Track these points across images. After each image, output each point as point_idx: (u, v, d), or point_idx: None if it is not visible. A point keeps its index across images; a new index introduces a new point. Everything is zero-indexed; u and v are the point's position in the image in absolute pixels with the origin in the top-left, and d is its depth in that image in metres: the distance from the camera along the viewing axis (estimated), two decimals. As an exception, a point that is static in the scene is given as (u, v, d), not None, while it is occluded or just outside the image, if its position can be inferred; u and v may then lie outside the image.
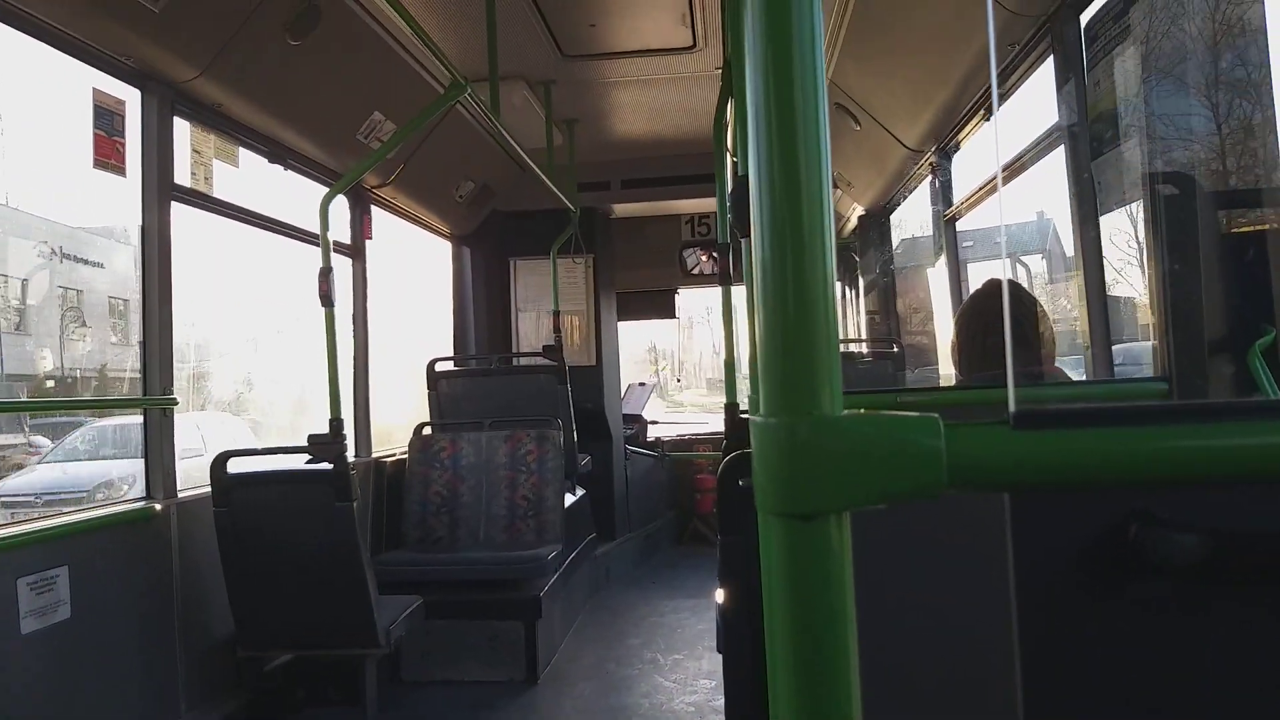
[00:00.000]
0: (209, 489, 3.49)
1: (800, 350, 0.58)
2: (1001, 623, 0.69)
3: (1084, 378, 3.20)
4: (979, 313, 2.76)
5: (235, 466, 3.59)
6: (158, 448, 3.46)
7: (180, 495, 3.50)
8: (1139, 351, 3.16)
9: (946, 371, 5.14)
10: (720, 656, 2.81)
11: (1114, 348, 3.16)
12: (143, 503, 3.39)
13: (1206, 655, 0.67)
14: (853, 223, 7.09)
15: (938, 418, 0.60)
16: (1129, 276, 3.26)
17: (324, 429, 3.79)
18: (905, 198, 5.84)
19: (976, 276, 4.77)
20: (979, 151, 4.61)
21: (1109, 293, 3.17)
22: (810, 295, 0.58)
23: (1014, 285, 3.02)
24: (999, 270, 4.19)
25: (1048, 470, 0.62)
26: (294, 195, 4.59)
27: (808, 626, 0.58)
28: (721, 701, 2.89)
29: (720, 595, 2.68)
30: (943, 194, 4.85)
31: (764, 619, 0.60)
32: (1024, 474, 0.62)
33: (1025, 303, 2.76)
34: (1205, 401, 2.10)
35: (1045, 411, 0.62)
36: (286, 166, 4.36)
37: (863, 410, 0.60)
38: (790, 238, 0.58)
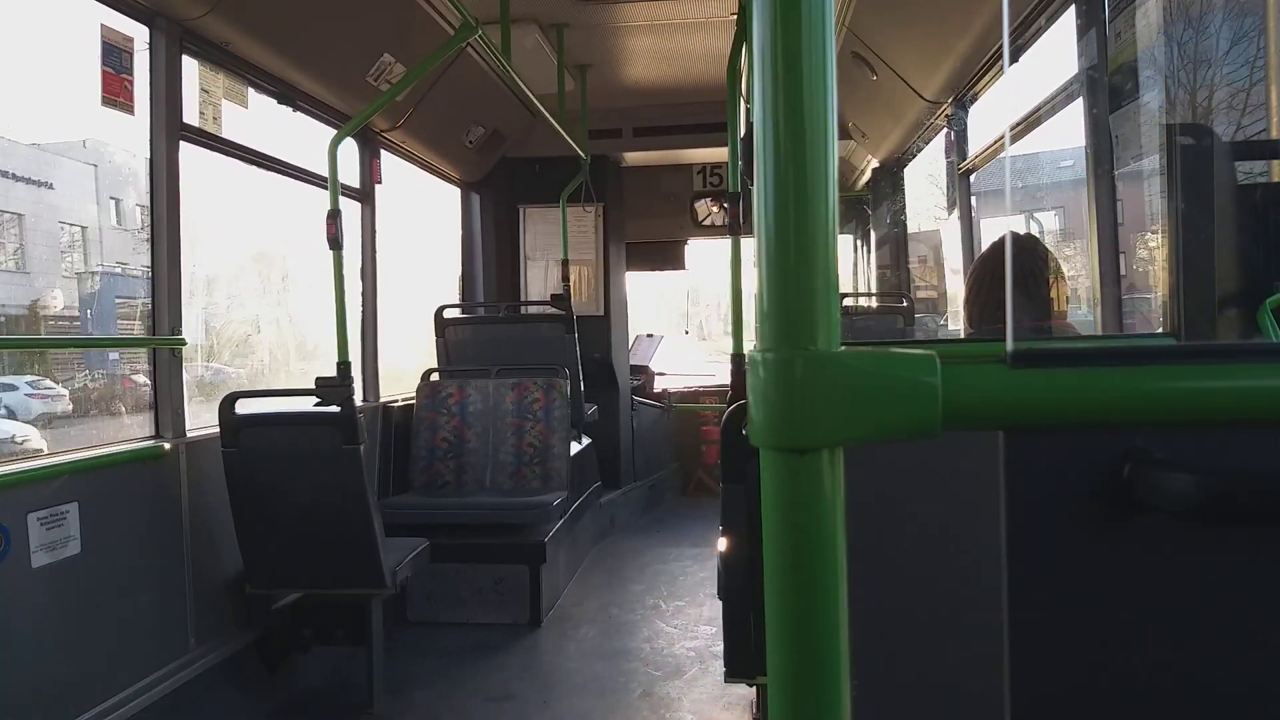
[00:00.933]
0: (217, 429, 3.52)
1: (800, 287, 0.57)
2: (994, 562, 0.69)
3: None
4: (992, 266, 2.74)
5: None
6: (166, 387, 3.48)
7: (189, 435, 3.53)
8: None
9: (958, 327, 5.12)
10: (721, 603, 2.84)
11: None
12: (152, 441, 3.42)
13: (1198, 595, 0.67)
14: (867, 175, 7.02)
15: (934, 355, 0.60)
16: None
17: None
18: (920, 150, 5.77)
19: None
20: (997, 103, 4.54)
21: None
22: (811, 232, 0.57)
23: (1031, 239, 2.99)
24: (1022, 224, 4.15)
25: (1043, 409, 0.62)
26: (305, 140, 4.56)
27: (799, 558, 0.59)
28: (721, 647, 2.93)
29: (722, 543, 2.70)
30: (958, 146, 4.79)
31: (764, 554, 0.60)
32: (1019, 412, 0.62)
33: (1039, 257, 2.73)
34: (1201, 344, 2.09)
35: (1042, 350, 0.62)
36: (295, 108, 4.33)
37: (861, 348, 0.60)
38: (794, 178, 0.57)
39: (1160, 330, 2.72)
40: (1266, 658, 0.68)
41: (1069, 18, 3.30)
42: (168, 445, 3.40)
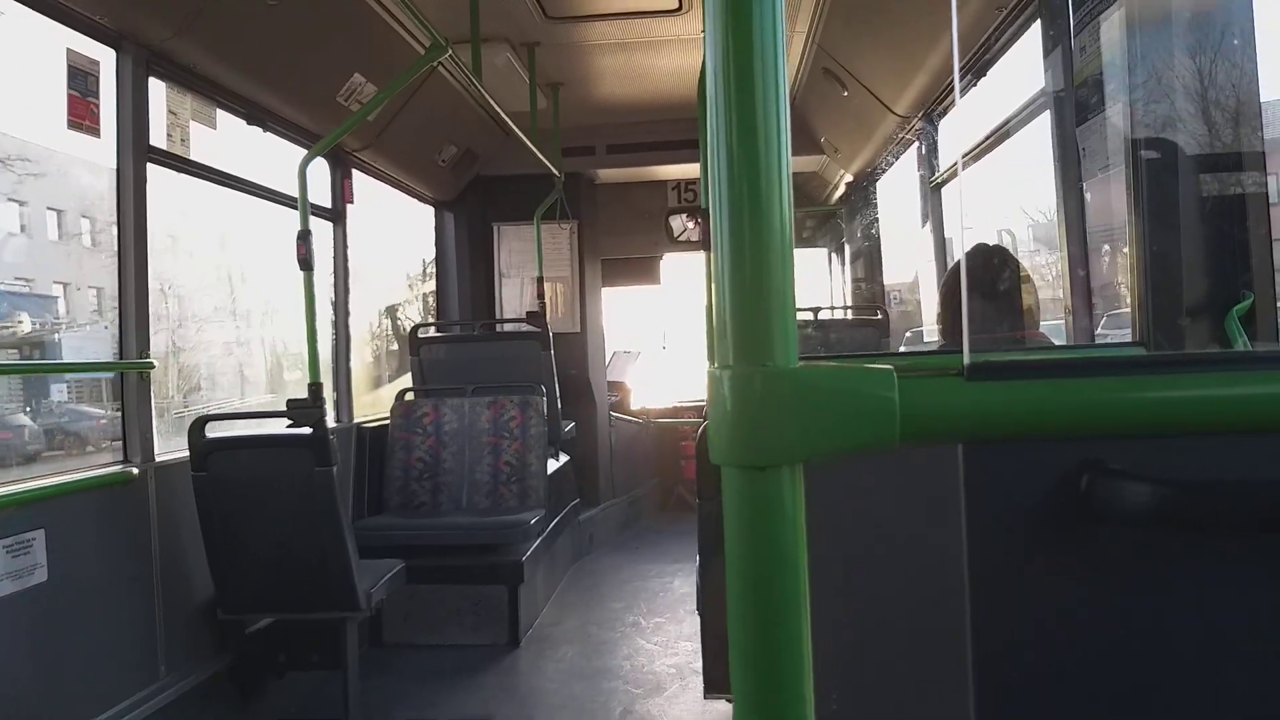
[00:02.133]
0: (187, 453, 3.48)
1: (756, 303, 0.58)
2: (955, 572, 0.69)
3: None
4: (961, 278, 2.76)
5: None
6: (134, 411, 3.44)
7: (158, 459, 3.48)
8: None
9: (933, 339, 5.15)
10: (699, 619, 2.83)
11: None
12: (121, 466, 3.37)
13: (1156, 602, 0.68)
14: (840, 190, 7.06)
15: (891, 370, 0.60)
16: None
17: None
18: (892, 164, 5.81)
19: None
20: (966, 118, 4.58)
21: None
22: (767, 248, 0.58)
23: (1000, 250, 3.02)
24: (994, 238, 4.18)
25: (1000, 421, 0.62)
26: (276, 164, 4.53)
27: (761, 576, 0.59)
28: (701, 663, 2.92)
29: (699, 558, 2.70)
30: (929, 160, 4.83)
31: (727, 571, 0.60)
32: (976, 425, 0.62)
33: (1011, 268, 2.75)
34: (1155, 354, 2.11)
35: (998, 363, 0.62)
36: (265, 128, 4.31)
37: (818, 363, 0.60)
38: (748, 194, 0.58)
39: (1129, 339, 2.74)
40: (1224, 662, 0.68)
41: (1035, 33, 3.34)
42: (136, 470, 3.36)
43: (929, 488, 0.76)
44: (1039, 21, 3.28)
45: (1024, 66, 3.49)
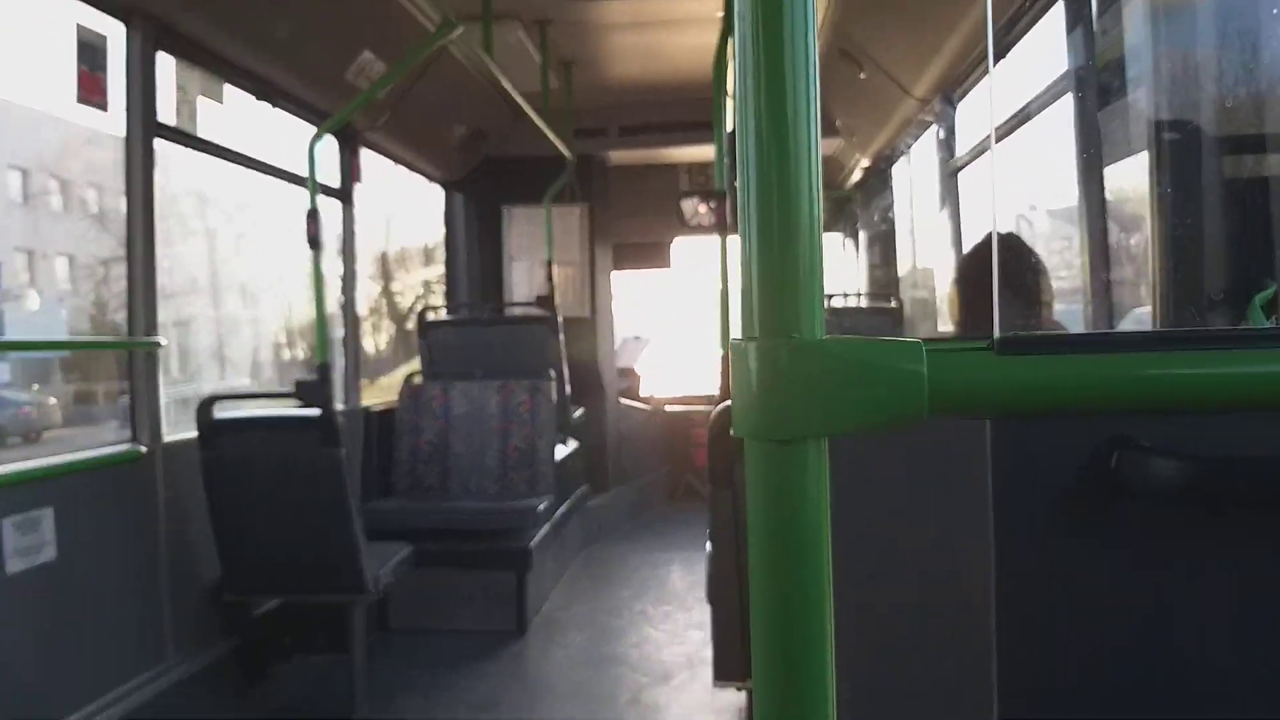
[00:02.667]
0: (195, 433, 3.46)
1: (783, 275, 0.57)
2: (980, 552, 0.69)
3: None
4: (979, 265, 2.72)
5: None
6: (142, 390, 3.42)
7: (166, 439, 3.47)
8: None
9: (946, 328, 5.10)
10: (710, 608, 2.81)
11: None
12: (128, 445, 3.36)
13: (1187, 580, 0.67)
14: (855, 174, 7.00)
15: (920, 343, 0.60)
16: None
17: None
18: (909, 148, 5.75)
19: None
20: (986, 101, 4.52)
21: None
22: (795, 220, 0.57)
23: (1015, 238, 2.98)
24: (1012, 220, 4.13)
25: (1029, 395, 0.62)
26: (286, 144, 4.50)
27: (785, 551, 0.58)
28: (710, 652, 2.90)
29: (710, 546, 2.67)
30: (947, 144, 4.77)
31: (749, 550, 0.60)
32: (1005, 399, 0.62)
33: (1025, 256, 2.72)
34: (1188, 329, 2.08)
35: (1028, 337, 0.62)
36: (274, 105, 4.28)
37: (846, 336, 0.60)
38: (776, 168, 0.57)
39: (1149, 329, 2.70)
40: (1256, 642, 0.67)
41: (1056, 14, 3.28)
42: (144, 449, 3.34)
43: (955, 462, 0.75)
44: (1061, 2, 3.22)
45: (1045, 49, 3.43)
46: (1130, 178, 3.01)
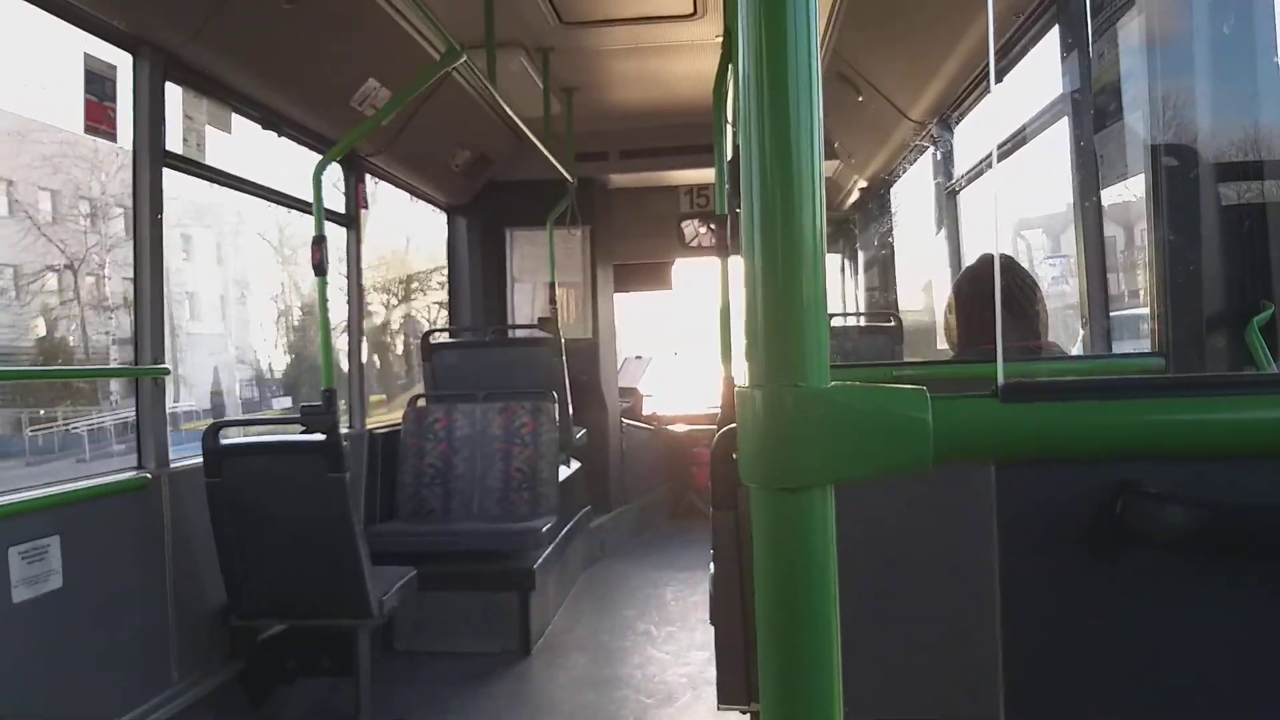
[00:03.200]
0: (200, 459, 3.48)
1: (788, 321, 0.57)
2: (986, 597, 0.68)
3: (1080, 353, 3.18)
4: (972, 288, 2.73)
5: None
6: (149, 417, 3.44)
7: (172, 465, 3.48)
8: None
9: (943, 347, 5.12)
10: (713, 629, 2.81)
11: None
12: (134, 472, 3.37)
13: (1192, 628, 0.67)
14: (854, 196, 7.04)
15: (925, 391, 0.60)
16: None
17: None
18: (906, 170, 5.79)
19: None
20: (982, 123, 4.56)
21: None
22: (799, 266, 0.57)
23: (1009, 260, 3.00)
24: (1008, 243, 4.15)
25: (1034, 442, 0.62)
26: (289, 170, 4.54)
27: (791, 598, 0.59)
28: (714, 673, 2.90)
29: (713, 568, 2.67)
30: (944, 166, 4.81)
31: (755, 588, 0.60)
32: (1010, 446, 0.63)
33: (1020, 278, 2.73)
34: (1192, 375, 2.09)
35: (1032, 384, 0.62)
36: (280, 133, 4.31)
37: (851, 383, 0.60)
38: (781, 209, 0.57)
39: (1148, 349, 2.72)
40: (1262, 689, 0.67)
41: (1052, 39, 3.31)
42: (150, 475, 3.36)
43: (960, 508, 0.75)
44: (1057, 27, 3.25)
45: (1041, 72, 3.47)
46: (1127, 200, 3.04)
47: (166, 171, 3.50)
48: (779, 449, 0.58)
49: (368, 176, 5.36)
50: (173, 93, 3.59)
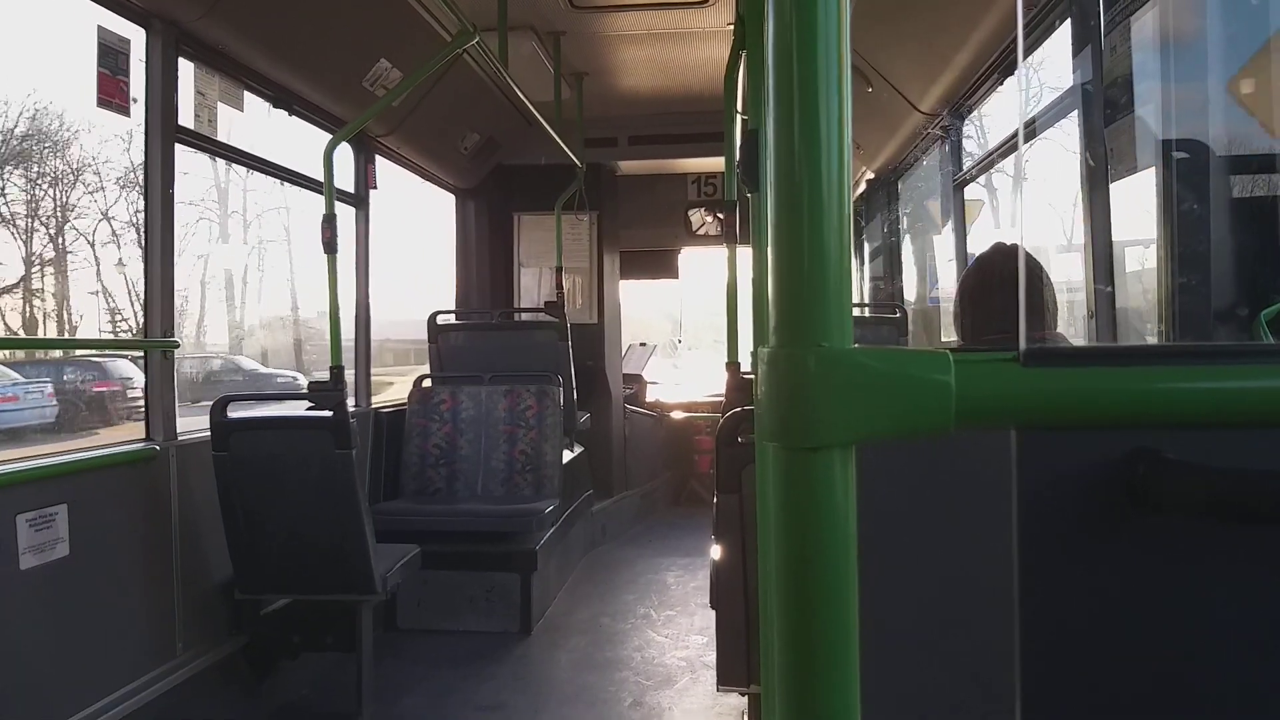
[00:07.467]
0: (209, 433, 3.50)
1: (813, 283, 0.57)
2: (1005, 560, 0.69)
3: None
4: (984, 276, 2.74)
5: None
6: (158, 389, 3.46)
7: (180, 438, 3.51)
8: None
9: (950, 339, 5.13)
10: (713, 613, 2.83)
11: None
12: (143, 444, 3.39)
13: (1209, 593, 0.67)
14: (861, 186, 7.04)
15: (948, 353, 0.60)
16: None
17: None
18: (915, 161, 5.79)
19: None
20: (992, 115, 4.57)
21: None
22: (824, 229, 0.57)
23: (1013, 248, 3.00)
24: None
25: (1055, 407, 0.62)
26: (298, 150, 4.55)
27: (809, 561, 0.58)
28: (713, 656, 2.92)
29: (715, 551, 2.69)
30: (953, 158, 4.81)
31: (759, 556, 0.60)
32: (1032, 411, 0.62)
33: (1031, 267, 2.74)
34: (1216, 344, 2.09)
35: (1054, 350, 0.62)
36: (291, 112, 4.32)
37: (873, 346, 0.60)
38: (807, 171, 0.57)
39: (1155, 344, 2.73)
40: (1275, 652, 0.68)
41: (1064, 31, 3.31)
42: (159, 447, 3.38)
43: (980, 472, 0.76)
44: (1069, 20, 3.25)
45: (1053, 65, 3.47)
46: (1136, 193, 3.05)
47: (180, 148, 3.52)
48: (802, 409, 0.58)
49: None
50: (185, 70, 3.59)
